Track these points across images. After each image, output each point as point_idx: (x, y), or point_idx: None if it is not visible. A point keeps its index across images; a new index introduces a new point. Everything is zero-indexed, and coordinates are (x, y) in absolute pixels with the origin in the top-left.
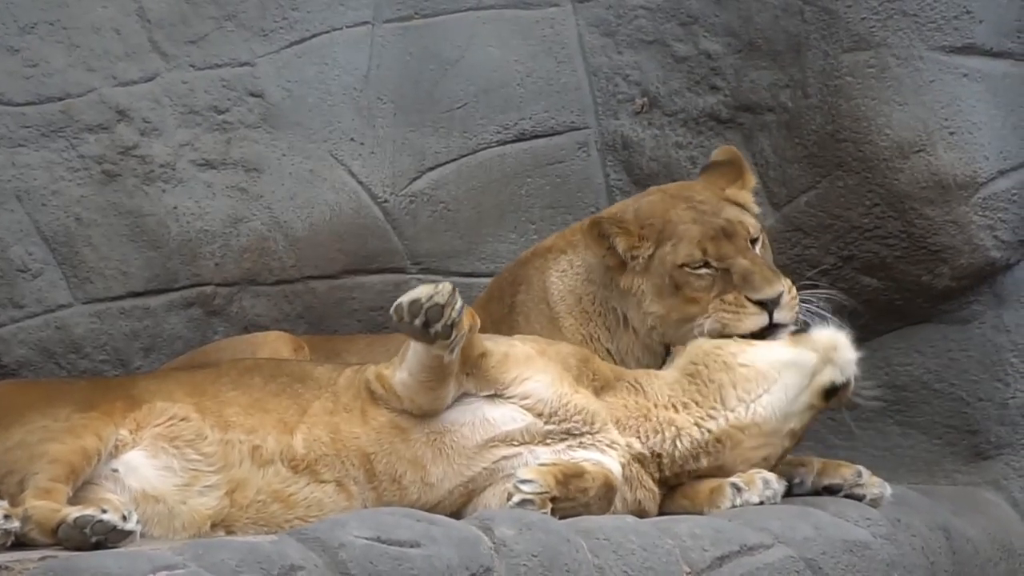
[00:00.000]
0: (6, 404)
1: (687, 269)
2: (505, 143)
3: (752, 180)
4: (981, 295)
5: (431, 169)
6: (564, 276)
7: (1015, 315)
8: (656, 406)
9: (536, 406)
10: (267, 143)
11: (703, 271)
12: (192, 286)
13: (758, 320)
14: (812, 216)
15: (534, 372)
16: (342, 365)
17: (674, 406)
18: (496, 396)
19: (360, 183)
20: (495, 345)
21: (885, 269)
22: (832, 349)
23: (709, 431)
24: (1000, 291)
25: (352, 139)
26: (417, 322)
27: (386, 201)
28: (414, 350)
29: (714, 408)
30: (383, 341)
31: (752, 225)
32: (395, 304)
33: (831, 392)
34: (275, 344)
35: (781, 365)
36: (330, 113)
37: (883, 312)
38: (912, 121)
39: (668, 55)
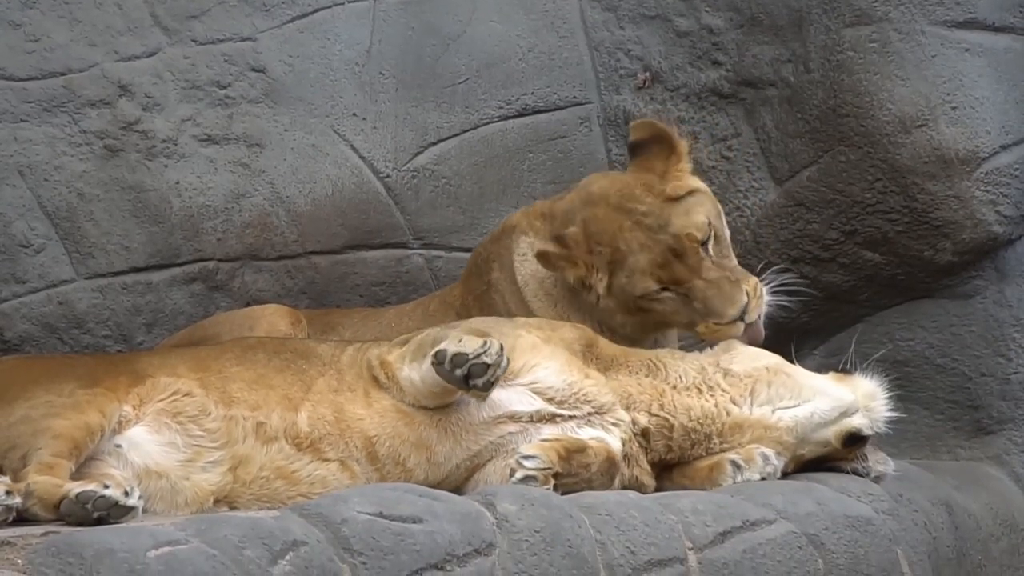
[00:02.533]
0: (10, 379)
1: (648, 298)
2: (507, 118)
3: (683, 146)
4: (983, 270)
5: (433, 144)
6: (525, 260)
7: (1017, 290)
8: (675, 388)
9: (546, 391)
10: (269, 118)
11: (665, 295)
12: (194, 261)
13: (735, 331)
14: (814, 191)
15: (541, 359)
16: (344, 342)
17: (698, 388)
18: (505, 383)
19: (362, 158)
20: (501, 339)
21: (887, 244)
22: (871, 398)
23: (728, 413)
24: (1002, 266)
25: (354, 114)
26: (458, 373)
27: (388, 176)
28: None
29: (742, 397)
30: (378, 315)
31: (698, 226)
32: (438, 349)
33: (852, 438)
34: (272, 317)
35: (819, 390)
36: (332, 88)
37: (885, 287)
38: (914, 96)
39: (670, 30)
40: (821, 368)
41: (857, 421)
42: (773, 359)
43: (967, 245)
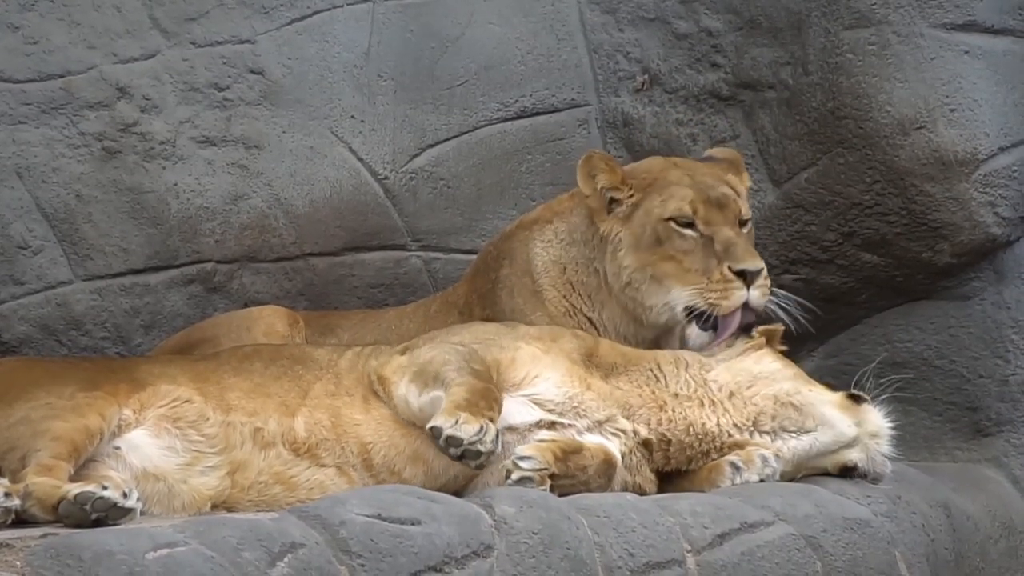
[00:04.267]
0: (10, 381)
1: (673, 224)
2: (505, 120)
3: (749, 182)
4: (981, 272)
5: (431, 146)
6: (549, 246)
7: (1015, 292)
8: (676, 396)
9: (546, 403)
10: (267, 120)
11: (688, 232)
12: (192, 263)
13: (740, 295)
14: (812, 193)
15: (542, 369)
16: (342, 347)
17: (700, 401)
18: (505, 394)
19: (360, 160)
20: (501, 352)
21: (885, 246)
22: (874, 436)
23: (730, 435)
24: (1000, 268)
25: (352, 116)
26: (452, 452)
27: (386, 178)
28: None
29: (745, 423)
30: (376, 317)
31: (745, 208)
32: (433, 425)
33: (847, 470)
34: (271, 318)
35: (823, 420)
36: (331, 90)
37: (883, 289)
38: (913, 98)
39: (669, 32)
40: (819, 370)
41: (854, 455)
42: (787, 385)
43: (965, 247)
